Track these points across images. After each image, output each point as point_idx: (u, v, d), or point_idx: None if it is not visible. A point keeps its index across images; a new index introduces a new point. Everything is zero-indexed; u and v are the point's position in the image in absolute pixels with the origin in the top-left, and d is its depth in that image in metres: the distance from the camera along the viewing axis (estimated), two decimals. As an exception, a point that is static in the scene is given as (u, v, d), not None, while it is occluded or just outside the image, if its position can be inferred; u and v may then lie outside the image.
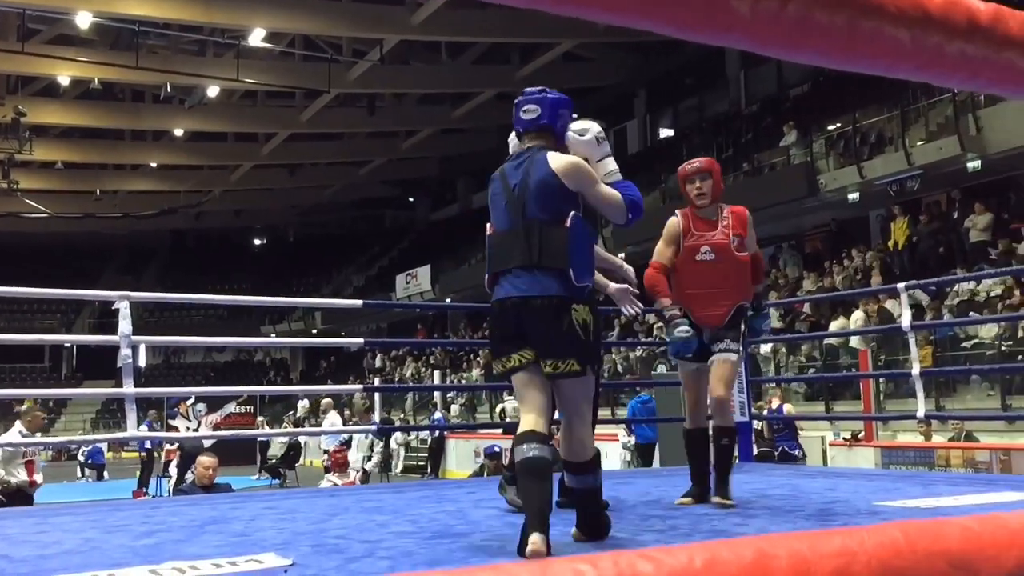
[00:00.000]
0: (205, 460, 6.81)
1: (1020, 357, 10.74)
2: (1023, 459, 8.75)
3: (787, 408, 11.21)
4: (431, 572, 0.36)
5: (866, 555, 0.45)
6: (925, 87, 13.33)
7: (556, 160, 2.99)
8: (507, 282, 2.96)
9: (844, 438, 11.32)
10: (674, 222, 4.03)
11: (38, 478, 7.91)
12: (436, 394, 20.02)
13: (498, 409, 17.44)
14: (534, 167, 2.99)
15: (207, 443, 10.85)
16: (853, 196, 15.11)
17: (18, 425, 8.03)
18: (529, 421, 2.89)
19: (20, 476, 7.60)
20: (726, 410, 3.91)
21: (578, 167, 3.02)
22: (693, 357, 3.91)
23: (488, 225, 3.11)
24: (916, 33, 0.54)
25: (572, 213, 2.93)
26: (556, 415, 3.58)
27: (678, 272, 3.95)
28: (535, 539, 2.58)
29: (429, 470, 17.36)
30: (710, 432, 4.07)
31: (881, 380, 11.51)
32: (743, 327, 4.03)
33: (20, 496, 7.38)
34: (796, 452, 11.06)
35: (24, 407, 9.05)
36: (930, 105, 14.09)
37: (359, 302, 6.68)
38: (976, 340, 11.40)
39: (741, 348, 3.96)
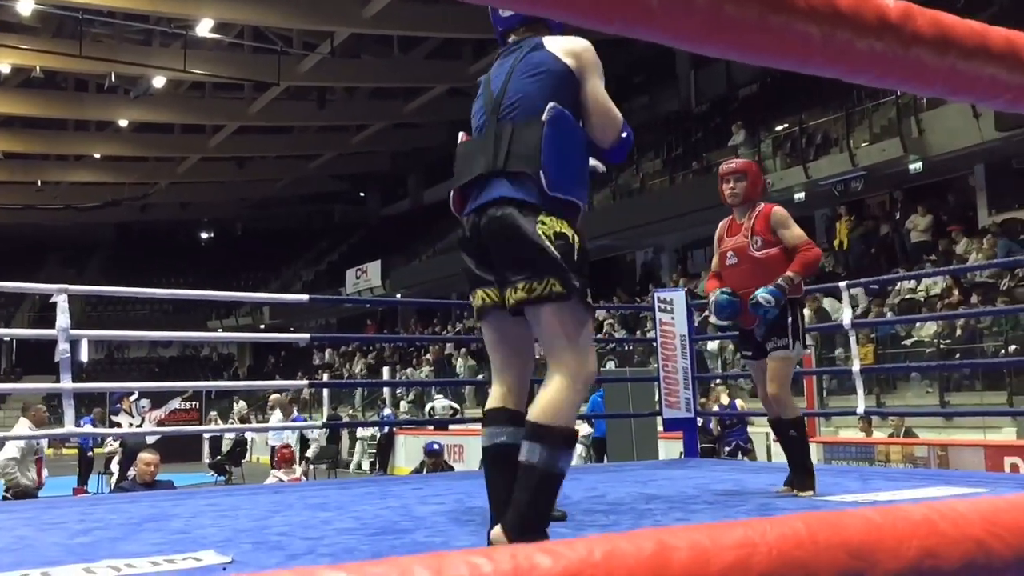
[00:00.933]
0: (146, 457, 6.71)
1: (958, 355, 10.98)
2: (960, 454, 8.95)
3: (739, 403, 11.37)
4: (279, 572, 0.35)
5: (767, 546, 0.46)
6: (870, 89, 13.57)
7: (557, 41, 2.44)
8: (470, 197, 2.39)
9: (788, 434, 11.48)
10: (719, 227, 4.32)
11: (44, 472, 7.85)
12: (385, 390, 19.91)
13: (427, 408, 17.35)
14: (523, 54, 2.45)
15: (150, 439, 10.69)
16: (799, 196, 15.33)
17: (23, 422, 7.92)
18: (497, 395, 2.33)
19: (31, 475, 7.47)
20: (784, 403, 4.03)
21: (588, 46, 2.42)
22: (752, 355, 4.14)
23: (460, 135, 2.55)
24: (826, 29, 0.55)
25: (551, 104, 2.31)
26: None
27: (720, 278, 4.23)
28: (496, 533, 2.18)
29: (378, 466, 17.28)
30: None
31: (824, 377, 11.70)
32: (790, 321, 4.04)
33: (26, 497, 7.16)
34: (748, 445, 11.25)
35: (26, 404, 8.94)
36: (874, 107, 14.36)
37: (305, 297, 6.60)
38: (916, 339, 11.64)
39: (794, 342, 4.02)
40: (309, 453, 13.25)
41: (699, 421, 8.01)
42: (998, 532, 0.53)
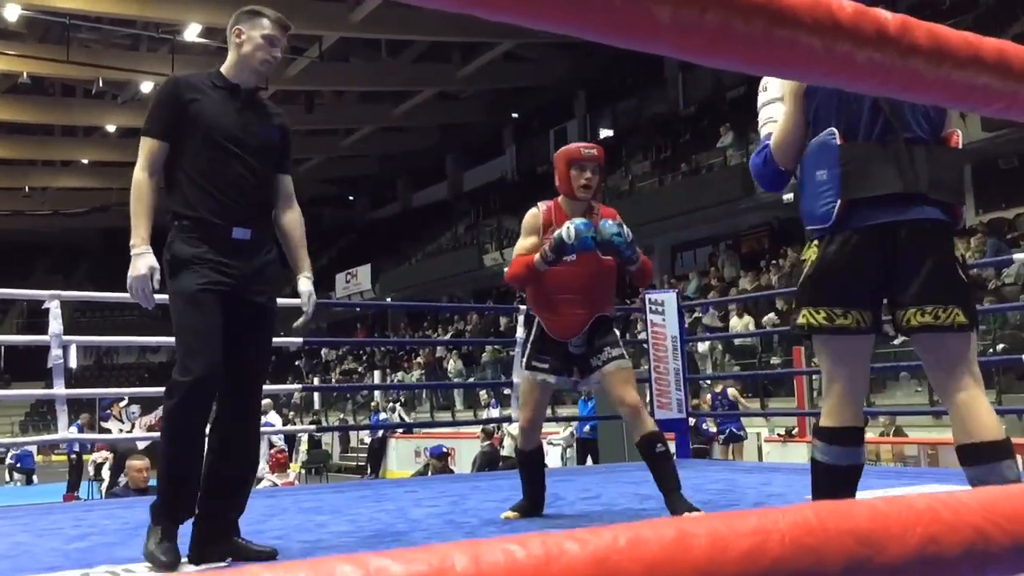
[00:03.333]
0: (136, 463, 6.71)
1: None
2: (950, 453, 9.02)
3: (731, 392, 11.42)
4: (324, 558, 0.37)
5: (780, 533, 0.48)
6: (856, 91, 13.66)
7: None
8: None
9: (779, 434, 11.56)
10: (536, 213, 3.54)
11: None
12: (377, 395, 19.90)
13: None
14: None
15: (140, 445, 10.67)
16: (788, 197, 15.38)
17: None
18: (851, 414, 2.25)
19: None
20: (645, 414, 3.49)
21: None
22: (549, 369, 3.51)
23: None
24: (828, 41, 0.57)
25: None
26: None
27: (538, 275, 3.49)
28: None
29: (369, 471, 17.28)
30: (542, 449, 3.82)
31: (814, 377, 11.76)
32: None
33: None
34: (742, 433, 11.30)
35: None
36: (861, 108, 14.44)
37: (298, 300, 6.59)
38: (905, 338, 11.69)
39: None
40: (298, 457, 13.25)
41: (691, 422, 8.06)
42: (996, 520, 0.56)
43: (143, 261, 2.70)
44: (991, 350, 10.44)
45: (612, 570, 0.42)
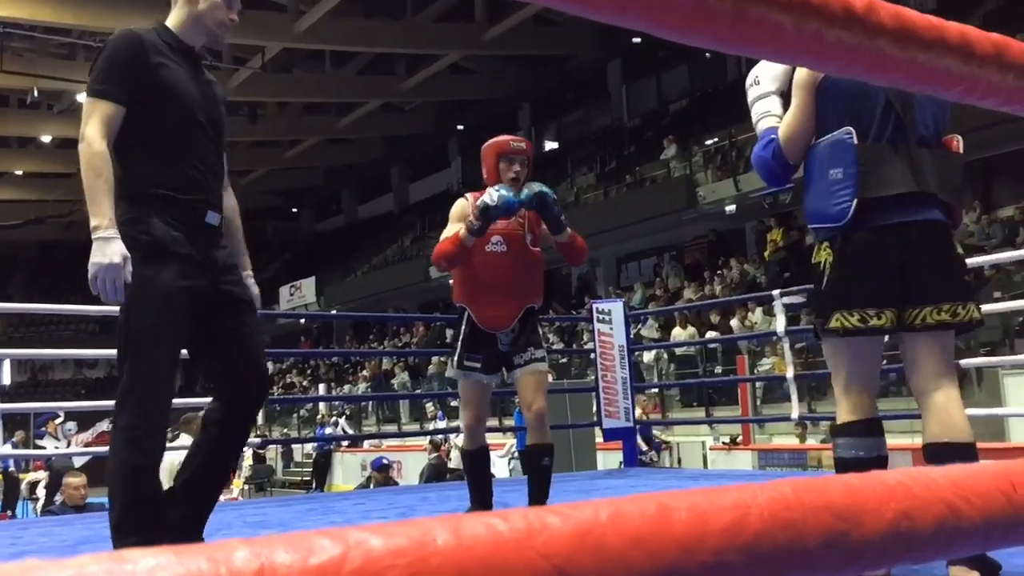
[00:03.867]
0: (74, 480, 6.55)
1: (885, 362, 11.29)
2: (896, 456, 9.21)
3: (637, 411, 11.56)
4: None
5: (759, 508, 0.48)
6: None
7: None
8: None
9: (723, 442, 11.68)
10: (463, 203, 3.48)
11: None
12: (322, 408, 19.69)
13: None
14: None
15: (77, 462, 10.39)
16: (730, 208, 15.64)
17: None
18: (869, 407, 2.29)
19: None
20: (547, 425, 3.47)
21: None
22: (484, 368, 3.43)
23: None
24: (798, 19, 0.58)
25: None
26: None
27: (465, 263, 3.41)
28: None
29: (314, 485, 17.06)
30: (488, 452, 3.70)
31: (757, 386, 11.93)
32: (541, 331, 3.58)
33: None
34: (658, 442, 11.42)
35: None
36: (800, 121, 14.72)
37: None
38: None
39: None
40: (241, 473, 13.06)
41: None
42: (966, 496, 0.56)
43: (113, 247, 2.24)
44: (884, 362, 10.69)
45: (595, 543, 0.41)
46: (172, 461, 7.68)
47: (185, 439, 7.92)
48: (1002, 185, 14.31)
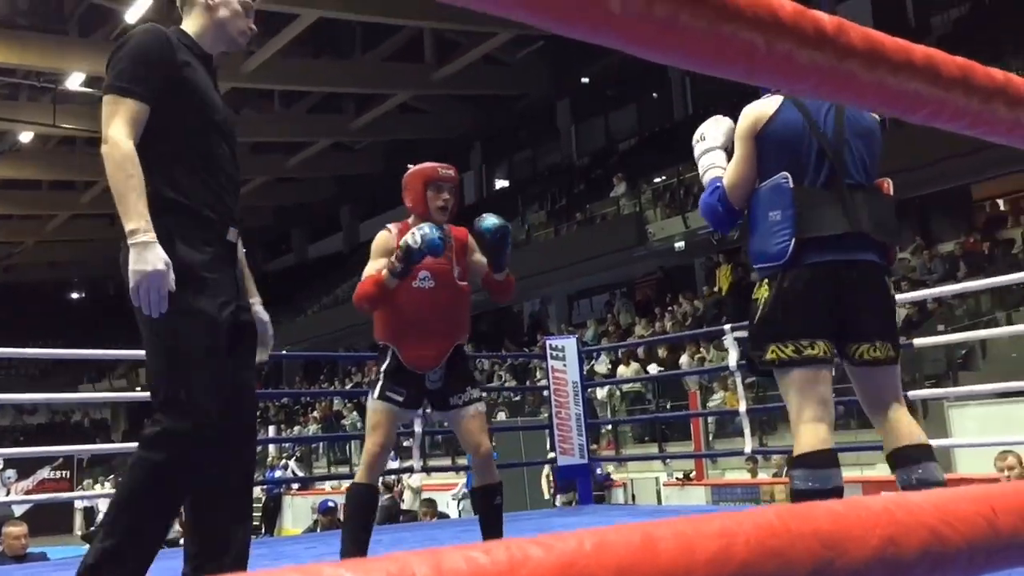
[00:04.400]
0: (13, 529, 6.32)
1: (833, 395, 11.43)
2: (849, 489, 9.28)
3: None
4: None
5: (744, 535, 0.46)
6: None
7: None
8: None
9: (677, 478, 11.70)
10: (386, 236, 3.31)
11: None
12: (271, 450, 19.35)
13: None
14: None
15: (17, 511, 10.08)
16: (679, 245, 15.80)
17: None
18: (828, 437, 2.35)
19: None
20: (494, 463, 3.37)
21: None
22: (404, 402, 3.20)
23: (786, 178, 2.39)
24: (770, 38, 0.57)
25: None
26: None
27: (390, 301, 3.19)
28: None
29: (263, 529, 16.71)
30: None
31: (709, 421, 12.00)
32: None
33: None
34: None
35: None
36: (745, 160, 14.99)
37: (190, 353, 6.34)
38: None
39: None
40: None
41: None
42: (949, 521, 0.55)
43: (155, 252, 2.01)
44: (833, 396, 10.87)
45: (579, 575, 0.39)
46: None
47: None
48: (941, 221, 14.69)
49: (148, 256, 2.01)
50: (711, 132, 2.60)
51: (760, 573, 0.45)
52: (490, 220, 3.24)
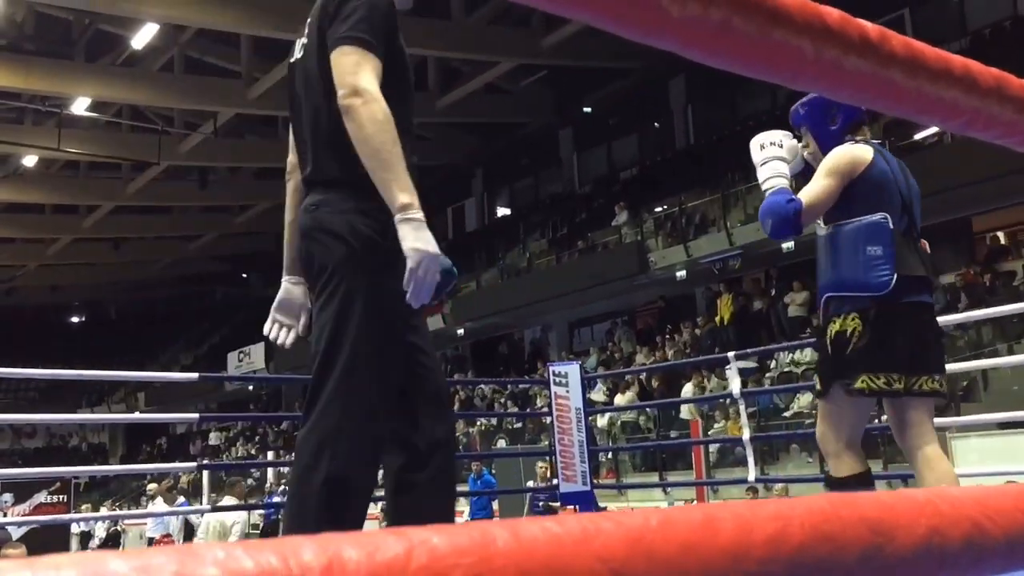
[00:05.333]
0: (12, 552, 6.30)
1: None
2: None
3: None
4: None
5: (799, 519, 0.48)
6: (742, 172, 14.25)
7: None
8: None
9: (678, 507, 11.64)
10: None
11: None
12: (270, 477, 19.27)
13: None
14: (899, 161, 2.75)
15: (15, 534, 10.01)
16: (681, 274, 15.83)
17: None
18: (863, 458, 2.65)
19: None
20: None
21: None
22: None
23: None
24: (817, 45, 0.59)
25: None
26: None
27: None
28: None
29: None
30: None
31: (711, 450, 11.96)
32: None
33: None
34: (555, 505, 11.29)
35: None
36: (747, 189, 15.05)
37: (194, 375, 6.42)
38: (795, 410, 12.05)
39: None
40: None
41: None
42: (990, 515, 0.57)
43: (430, 233, 1.84)
44: (876, 420, 10.81)
45: (646, 549, 0.41)
46: (223, 521, 7.74)
47: (229, 500, 7.83)
48: (942, 253, 14.73)
49: (427, 235, 1.83)
50: (787, 143, 2.73)
51: (814, 555, 0.47)
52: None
